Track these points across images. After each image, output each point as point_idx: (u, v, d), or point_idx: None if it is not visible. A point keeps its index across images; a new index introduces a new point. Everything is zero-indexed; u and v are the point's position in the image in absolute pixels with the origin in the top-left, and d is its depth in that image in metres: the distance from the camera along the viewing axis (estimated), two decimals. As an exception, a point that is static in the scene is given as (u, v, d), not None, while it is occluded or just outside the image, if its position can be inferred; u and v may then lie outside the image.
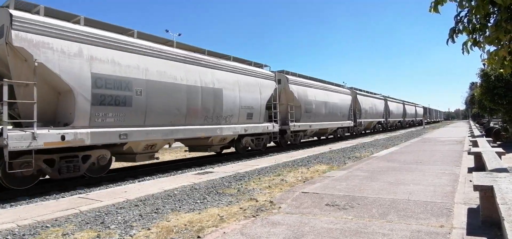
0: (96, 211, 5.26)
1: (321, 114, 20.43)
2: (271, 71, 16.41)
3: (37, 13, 7.91)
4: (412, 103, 52.36)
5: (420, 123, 57.14)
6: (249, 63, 15.35)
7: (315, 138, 22.33)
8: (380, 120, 33.97)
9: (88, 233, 4.21)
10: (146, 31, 12.31)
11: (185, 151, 15.38)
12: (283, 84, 17.24)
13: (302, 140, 19.32)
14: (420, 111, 60.03)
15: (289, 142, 17.87)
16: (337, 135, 23.82)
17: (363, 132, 30.31)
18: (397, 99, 45.48)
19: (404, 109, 46.90)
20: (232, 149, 14.73)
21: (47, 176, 8.26)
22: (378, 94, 36.55)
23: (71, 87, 7.80)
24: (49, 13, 8.17)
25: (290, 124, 17.11)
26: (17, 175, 7.36)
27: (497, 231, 3.53)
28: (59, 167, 8.06)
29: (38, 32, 7.39)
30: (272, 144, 16.98)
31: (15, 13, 7.17)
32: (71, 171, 8.23)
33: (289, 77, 17.76)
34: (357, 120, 27.08)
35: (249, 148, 14.64)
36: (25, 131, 7.12)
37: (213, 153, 13.98)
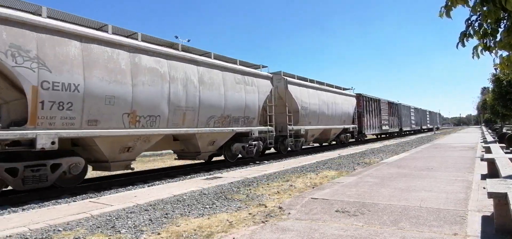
0: (106, 215, 5.30)
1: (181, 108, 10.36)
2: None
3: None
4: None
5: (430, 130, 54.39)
6: None
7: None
8: (347, 127, 23.16)
9: (99, 237, 4.24)
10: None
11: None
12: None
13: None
14: (345, 109, 23.38)
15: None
16: (232, 152, 13.18)
17: (308, 145, 19.33)
18: (384, 101, 32.15)
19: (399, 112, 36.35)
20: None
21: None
22: (347, 89, 24.39)
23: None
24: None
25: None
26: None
27: (512, 240, 3.45)
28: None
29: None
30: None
31: None
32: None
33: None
34: (292, 126, 16.38)
35: None
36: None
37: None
